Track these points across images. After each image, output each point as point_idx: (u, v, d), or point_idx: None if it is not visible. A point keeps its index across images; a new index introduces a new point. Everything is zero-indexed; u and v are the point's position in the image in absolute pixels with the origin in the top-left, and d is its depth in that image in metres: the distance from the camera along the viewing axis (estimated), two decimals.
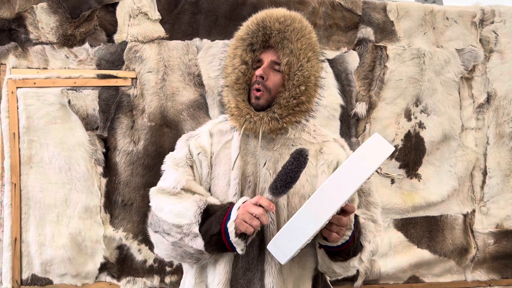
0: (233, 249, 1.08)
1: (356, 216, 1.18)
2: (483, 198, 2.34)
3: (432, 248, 2.28)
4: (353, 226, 1.12)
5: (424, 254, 2.27)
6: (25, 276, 2.02)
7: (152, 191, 1.22)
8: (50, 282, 2.04)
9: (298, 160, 1.01)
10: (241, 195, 1.17)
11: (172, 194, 1.18)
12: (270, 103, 1.19)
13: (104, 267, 2.08)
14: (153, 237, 1.19)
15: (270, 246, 1.03)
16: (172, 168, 1.23)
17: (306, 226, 0.99)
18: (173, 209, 1.13)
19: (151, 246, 2.06)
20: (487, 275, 2.35)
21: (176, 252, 1.14)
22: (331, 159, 1.23)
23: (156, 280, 2.10)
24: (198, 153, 1.24)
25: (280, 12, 1.22)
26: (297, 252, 1.03)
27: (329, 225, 1.06)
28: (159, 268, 2.11)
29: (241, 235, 1.06)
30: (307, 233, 0.99)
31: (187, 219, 1.10)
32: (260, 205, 1.04)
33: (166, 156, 1.29)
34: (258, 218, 1.03)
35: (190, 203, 1.12)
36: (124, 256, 2.10)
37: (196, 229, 1.08)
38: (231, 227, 1.05)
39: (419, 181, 2.29)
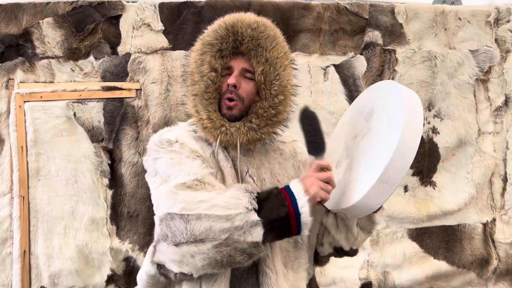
0: (298, 232, 1.03)
1: None
2: (504, 206, 2.23)
3: (450, 259, 2.18)
4: None
5: (441, 265, 2.17)
6: None
7: (169, 190, 1.02)
8: None
9: (312, 114, 1.08)
10: None
11: (197, 190, 1.02)
12: (243, 113, 1.14)
13: (111, 279, 2.07)
14: (175, 252, 0.99)
15: (375, 184, 1.01)
16: (180, 164, 1.07)
17: (412, 139, 1.00)
18: (215, 202, 0.99)
19: None
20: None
21: (222, 254, 0.98)
22: (304, 159, 1.24)
23: None
24: (198, 157, 1.12)
25: (251, 17, 1.17)
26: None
27: None
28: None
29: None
30: (415, 146, 1.00)
31: (241, 208, 0.98)
32: (321, 169, 1.05)
33: (147, 160, 1.14)
34: (328, 182, 1.04)
35: (237, 191, 1.02)
36: (131, 268, 2.09)
37: (255, 216, 0.98)
38: (304, 207, 1.00)
39: (434, 188, 2.20)
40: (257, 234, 0.98)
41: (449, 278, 2.19)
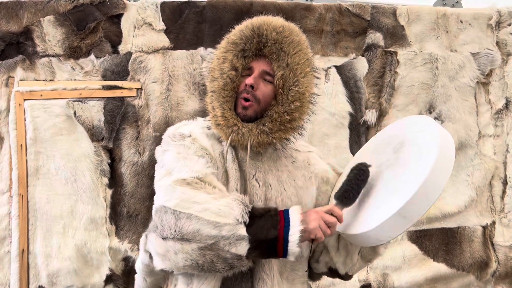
0: (284, 255, 1.01)
1: None
2: (504, 209, 2.23)
3: (449, 262, 2.18)
4: None
5: (441, 268, 2.17)
6: (32, 287, 2.03)
7: (166, 185, 1.04)
8: None
9: (366, 172, 1.06)
10: None
11: (197, 188, 1.02)
12: (258, 115, 1.14)
13: (109, 279, 2.06)
14: (161, 245, 1.00)
15: (392, 216, 0.98)
16: (185, 159, 1.08)
17: (439, 179, 0.98)
18: (209, 207, 0.98)
19: None
20: None
21: (204, 258, 0.97)
22: (317, 172, 1.22)
23: None
24: (207, 154, 1.12)
25: (278, 21, 1.16)
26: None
27: None
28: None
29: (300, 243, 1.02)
30: (441, 186, 0.98)
31: (231, 219, 0.97)
32: (331, 214, 1.03)
33: (158, 150, 1.17)
34: (330, 228, 1.02)
35: (233, 200, 1.01)
36: (129, 268, 2.08)
37: (243, 231, 0.97)
38: (294, 235, 0.99)
39: None
40: (242, 248, 0.98)
41: (449, 280, 2.19)
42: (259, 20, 1.17)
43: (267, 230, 0.99)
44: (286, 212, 1.03)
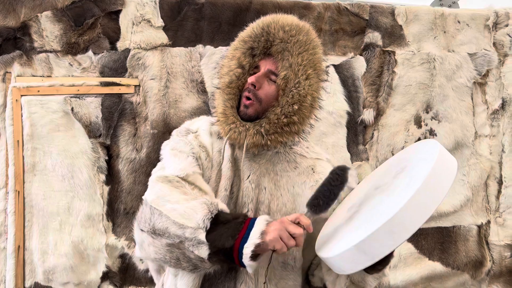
0: (243, 266, 0.97)
1: None
2: (499, 208, 2.24)
3: (445, 261, 2.19)
4: None
5: (436, 266, 2.18)
6: (28, 284, 2.02)
7: (152, 180, 1.08)
8: None
9: (342, 177, 0.95)
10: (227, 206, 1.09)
11: (175, 187, 1.04)
12: (260, 114, 1.11)
13: (106, 276, 2.06)
14: (138, 235, 1.05)
15: (350, 248, 0.88)
16: (175, 156, 1.11)
17: (376, 250, 0.86)
18: (177, 207, 0.99)
19: None
20: None
21: (171, 254, 1.00)
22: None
23: None
24: (202, 152, 1.14)
25: (288, 20, 1.13)
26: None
27: None
28: None
29: (254, 256, 0.95)
30: (376, 257, 0.86)
31: (193, 222, 0.96)
32: (298, 223, 0.94)
33: (163, 144, 1.19)
34: (295, 238, 0.93)
35: (200, 204, 0.99)
36: (126, 265, 2.08)
37: (202, 236, 0.96)
38: (248, 248, 0.93)
39: None
40: (203, 252, 0.97)
41: (444, 279, 2.20)
42: (270, 18, 1.15)
43: (225, 238, 0.96)
44: (252, 221, 0.99)
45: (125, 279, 2.08)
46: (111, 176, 2.06)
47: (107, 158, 2.05)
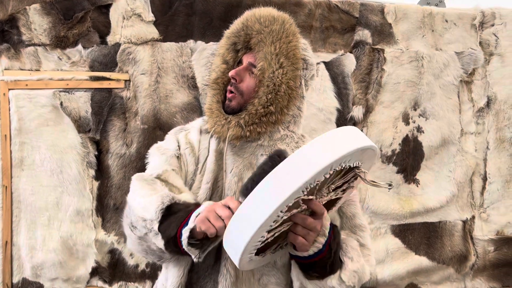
0: (187, 254, 0.99)
1: (334, 226, 1.05)
2: (483, 204, 2.30)
3: (431, 255, 2.23)
4: (327, 233, 0.96)
5: (422, 261, 2.22)
6: (16, 279, 2.00)
7: (132, 178, 1.14)
8: (41, 286, 2.01)
9: (274, 161, 0.89)
10: (210, 199, 1.11)
11: (147, 184, 1.09)
12: (242, 107, 1.12)
13: (95, 272, 2.05)
14: (124, 229, 1.13)
15: (224, 243, 0.88)
16: (155, 156, 1.18)
17: (254, 214, 0.79)
18: (141, 201, 1.04)
19: None
20: (487, 283, 2.30)
21: (141, 247, 1.07)
22: None
23: (148, 285, 2.07)
24: (186, 148, 1.17)
25: (264, 11, 1.14)
26: (249, 255, 0.87)
27: (294, 227, 0.91)
28: (151, 272, 2.08)
29: (195, 243, 0.95)
30: (255, 223, 0.79)
31: (150, 214, 1.00)
32: (228, 207, 0.92)
33: (152, 146, 1.23)
34: (223, 220, 0.90)
35: (156, 197, 1.02)
36: (116, 260, 2.07)
37: (156, 226, 0.99)
38: (185, 233, 0.94)
39: (417, 186, 2.25)
40: (159, 242, 1.00)
41: (429, 273, 2.25)
42: (250, 12, 1.16)
43: (172, 227, 0.97)
44: (198, 208, 0.99)
45: (115, 274, 2.07)
46: (101, 171, 2.04)
47: (96, 153, 2.04)
